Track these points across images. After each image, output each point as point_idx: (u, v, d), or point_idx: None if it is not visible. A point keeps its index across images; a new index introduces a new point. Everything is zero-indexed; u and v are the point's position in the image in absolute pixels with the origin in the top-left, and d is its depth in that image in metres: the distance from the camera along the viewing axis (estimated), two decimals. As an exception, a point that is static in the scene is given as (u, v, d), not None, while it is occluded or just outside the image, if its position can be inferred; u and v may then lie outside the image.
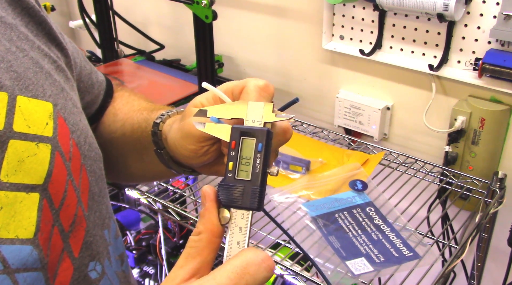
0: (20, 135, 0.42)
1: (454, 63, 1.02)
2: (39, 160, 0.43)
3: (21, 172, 0.41)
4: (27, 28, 0.49)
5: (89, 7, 1.39)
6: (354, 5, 1.12)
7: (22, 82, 0.44)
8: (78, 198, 0.47)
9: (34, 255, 0.42)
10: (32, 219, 0.42)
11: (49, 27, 0.51)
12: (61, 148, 0.45)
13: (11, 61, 0.44)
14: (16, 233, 0.41)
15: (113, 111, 0.65)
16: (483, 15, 0.95)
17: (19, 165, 0.41)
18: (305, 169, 1.01)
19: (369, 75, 1.18)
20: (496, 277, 1.15)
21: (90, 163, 0.50)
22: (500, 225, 1.06)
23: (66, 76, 0.52)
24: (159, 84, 1.30)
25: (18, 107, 0.42)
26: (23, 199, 0.41)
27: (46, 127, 0.44)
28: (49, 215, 0.43)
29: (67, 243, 0.46)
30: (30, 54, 0.47)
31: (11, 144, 0.41)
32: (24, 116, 0.42)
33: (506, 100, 1.00)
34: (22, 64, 0.45)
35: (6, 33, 0.46)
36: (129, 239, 1.51)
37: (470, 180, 1.02)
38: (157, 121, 0.56)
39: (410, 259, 0.80)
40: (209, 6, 1.00)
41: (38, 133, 0.43)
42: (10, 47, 0.45)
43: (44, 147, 0.43)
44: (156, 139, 0.56)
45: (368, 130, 1.20)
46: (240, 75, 1.43)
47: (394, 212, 0.92)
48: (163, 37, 1.52)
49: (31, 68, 0.46)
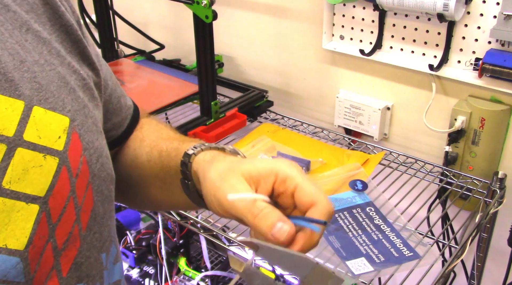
0: (29, 144, 0.42)
1: (454, 63, 1.02)
2: (44, 172, 0.43)
3: (24, 181, 0.41)
4: (61, 45, 0.50)
5: (89, 7, 1.39)
6: (354, 5, 1.12)
7: (43, 93, 0.44)
8: (77, 216, 0.46)
9: (19, 268, 0.41)
10: (26, 230, 0.42)
11: (83, 47, 0.52)
12: (69, 164, 0.45)
13: (37, 72, 0.45)
14: (5, 242, 0.40)
15: (140, 137, 0.66)
16: (483, 15, 0.95)
17: (23, 174, 0.41)
18: (305, 169, 1.01)
19: (369, 75, 1.18)
20: (496, 277, 1.15)
21: (99, 183, 0.49)
22: (500, 225, 1.06)
23: (93, 95, 0.52)
24: (159, 84, 1.30)
25: (32, 117, 0.43)
26: (21, 209, 0.41)
27: (57, 140, 0.44)
28: (45, 229, 0.43)
29: (58, 261, 0.45)
30: (58, 69, 0.48)
31: (18, 152, 0.41)
32: (37, 126, 0.43)
33: (506, 100, 1.00)
34: (47, 77, 0.46)
35: (37, 47, 0.47)
36: (129, 239, 1.51)
37: (470, 180, 1.02)
38: (189, 152, 0.55)
39: (410, 259, 0.80)
40: (209, 6, 1.00)
41: (48, 145, 0.43)
42: (39, 60, 0.46)
43: (51, 160, 0.43)
44: (185, 170, 0.55)
45: (368, 130, 1.20)
46: (240, 75, 1.43)
47: (394, 212, 0.92)
48: (163, 37, 1.52)
49: (56, 82, 0.46)
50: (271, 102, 1.31)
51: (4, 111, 0.41)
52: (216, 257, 1.73)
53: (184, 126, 1.12)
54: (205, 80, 1.11)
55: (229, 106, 1.21)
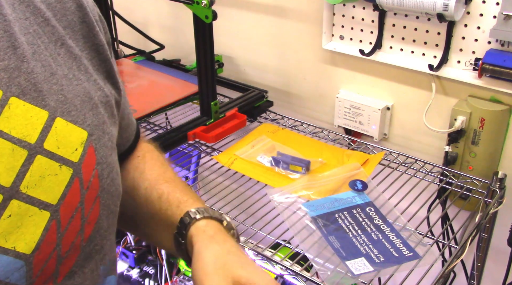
0: (48, 153, 0.44)
1: (454, 63, 1.02)
2: (58, 181, 0.45)
3: (40, 188, 0.43)
4: (90, 62, 0.53)
5: (89, 7, 1.39)
6: (354, 5, 1.12)
7: (67, 106, 0.47)
8: (81, 227, 0.48)
9: (22, 272, 0.43)
10: (35, 236, 0.43)
11: (110, 66, 0.55)
12: (82, 176, 0.47)
13: (64, 86, 0.48)
14: (14, 245, 0.42)
15: (141, 168, 0.67)
16: (483, 15, 0.95)
17: (39, 181, 0.43)
18: (305, 169, 1.01)
19: (369, 75, 1.18)
20: (496, 277, 1.15)
21: (107, 197, 0.51)
22: (500, 225, 1.06)
23: (112, 112, 0.55)
24: (159, 84, 1.30)
25: (54, 128, 0.45)
26: (34, 214, 0.43)
27: (74, 152, 0.47)
28: (54, 237, 0.45)
29: (58, 268, 0.46)
30: (84, 84, 0.50)
31: (38, 159, 0.44)
32: (57, 136, 0.45)
33: (506, 100, 1.01)
34: (73, 90, 0.48)
35: (68, 61, 0.49)
36: (129, 239, 1.51)
37: (470, 180, 1.02)
38: (191, 215, 0.58)
39: (410, 259, 0.80)
40: (209, 6, 1.00)
41: (65, 156, 0.46)
42: (68, 74, 0.49)
43: (66, 170, 0.46)
44: (182, 230, 0.58)
45: (368, 130, 1.20)
46: (240, 75, 1.43)
47: (394, 212, 0.92)
48: (163, 37, 1.52)
49: (80, 96, 0.49)
50: (271, 102, 1.31)
51: (29, 119, 0.43)
52: None
53: (184, 126, 1.12)
54: (205, 80, 1.11)
55: (229, 106, 1.21)
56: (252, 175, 1.03)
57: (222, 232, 0.58)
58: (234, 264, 0.53)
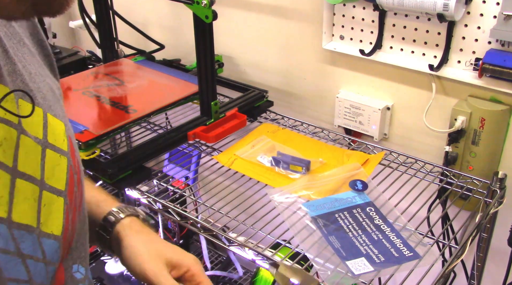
0: (52, 146, 0.49)
1: (454, 63, 1.02)
2: (61, 169, 0.50)
3: (54, 177, 0.49)
4: (41, 57, 0.56)
5: (89, 7, 1.39)
6: (354, 5, 1.12)
7: (47, 102, 0.51)
8: (76, 207, 0.53)
9: (58, 252, 0.49)
10: (60, 220, 0.49)
11: (52, 60, 0.59)
12: (72, 162, 0.52)
13: (39, 83, 0.51)
14: (51, 229, 0.48)
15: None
16: (483, 15, 0.95)
17: (52, 171, 0.49)
18: (305, 169, 1.01)
19: (369, 75, 1.18)
20: (496, 277, 1.15)
21: (82, 180, 0.57)
22: (500, 225, 1.06)
23: (63, 104, 0.59)
24: (159, 84, 1.30)
25: (49, 123, 0.50)
26: (56, 201, 0.49)
27: (63, 142, 0.51)
28: (67, 219, 0.50)
29: (68, 246, 0.52)
30: (47, 80, 0.54)
31: (48, 153, 0.48)
32: (52, 130, 0.50)
33: (506, 100, 1.00)
34: (44, 87, 0.52)
35: (32, 60, 0.52)
36: (129, 239, 1.51)
37: (470, 180, 1.02)
38: (118, 215, 0.68)
39: (410, 259, 0.80)
40: (209, 6, 1.00)
41: (61, 147, 0.50)
42: (36, 72, 0.52)
43: (64, 159, 0.51)
44: (108, 227, 0.67)
45: (368, 130, 1.20)
46: (240, 75, 1.43)
47: (394, 212, 0.92)
48: (163, 37, 1.52)
49: (49, 91, 0.53)
50: (271, 102, 1.31)
51: (33, 117, 0.47)
52: (216, 257, 1.73)
53: (184, 126, 1.12)
54: (205, 80, 1.10)
55: (229, 106, 1.21)
56: (252, 175, 1.03)
57: (143, 226, 0.69)
58: (163, 249, 0.65)
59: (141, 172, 1.02)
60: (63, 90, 1.25)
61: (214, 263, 1.69)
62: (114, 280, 1.60)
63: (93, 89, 1.24)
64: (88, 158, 1.02)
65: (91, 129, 1.05)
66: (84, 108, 1.15)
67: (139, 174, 1.02)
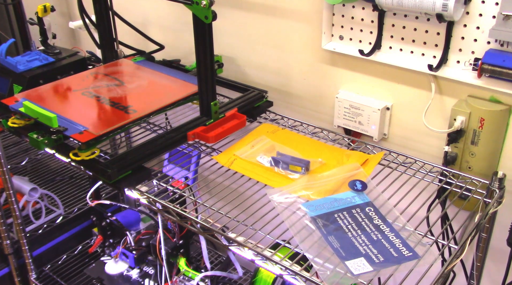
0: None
1: (454, 63, 1.03)
2: None
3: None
4: None
5: (89, 7, 1.39)
6: (354, 5, 1.12)
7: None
8: None
9: None
10: None
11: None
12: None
13: None
14: None
15: None
16: (482, 15, 0.95)
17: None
18: (304, 169, 1.01)
19: (368, 75, 1.18)
20: (495, 277, 1.15)
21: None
22: (500, 225, 1.06)
23: None
24: (159, 84, 1.30)
25: None
26: None
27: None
28: None
29: None
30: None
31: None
32: None
33: (505, 100, 1.01)
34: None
35: None
36: (129, 240, 1.51)
37: (470, 180, 1.02)
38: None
39: (410, 259, 0.80)
40: (208, 7, 1.00)
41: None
42: None
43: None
44: None
45: (367, 130, 1.20)
46: (240, 75, 1.43)
47: (393, 212, 0.92)
48: (163, 37, 1.52)
49: None
50: (271, 102, 1.31)
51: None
52: (216, 257, 1.73)
53: (184, 126, 1.12)
54: (204, 81, 1.11)
55: (228, 106, 1.21)
56: (251, 175, 1.04)
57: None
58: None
59: (141, 173, 1.03)
60: (63, 90, 1.25)
61: (214, 263, 1.69)
62: (114, 280, 1.61)
63: (92, 89, 1.25)
64: (88, 158, 1.02)
65: (91, 130, 1.05)
66: (83, 109, 1.16)
67: (139, 175, 1.02)
